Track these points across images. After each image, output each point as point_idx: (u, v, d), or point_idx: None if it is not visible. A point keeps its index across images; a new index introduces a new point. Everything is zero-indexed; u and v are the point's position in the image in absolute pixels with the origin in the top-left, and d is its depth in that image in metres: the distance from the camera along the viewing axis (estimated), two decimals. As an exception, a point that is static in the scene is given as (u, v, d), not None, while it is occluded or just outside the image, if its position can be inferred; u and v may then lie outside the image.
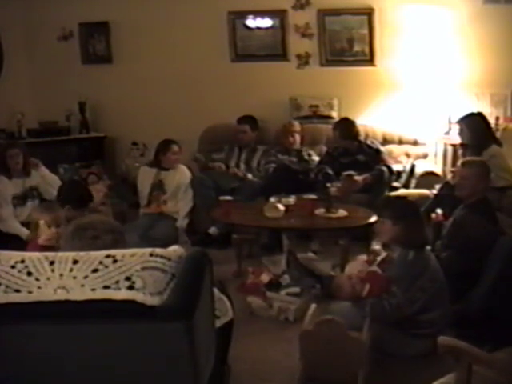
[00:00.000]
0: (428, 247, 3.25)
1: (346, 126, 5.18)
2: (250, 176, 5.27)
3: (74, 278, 1.73)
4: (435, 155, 5.46)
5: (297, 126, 5.49)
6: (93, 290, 1.71)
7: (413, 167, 5.20)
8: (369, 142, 5.22)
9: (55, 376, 1.80)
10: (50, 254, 1.81)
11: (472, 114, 4.69)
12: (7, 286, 1.73)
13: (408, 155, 5.37)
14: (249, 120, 5.53)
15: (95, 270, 1.74)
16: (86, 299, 1.71)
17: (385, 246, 3.48)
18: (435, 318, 3.03)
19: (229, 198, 4.47)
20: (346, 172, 4.83)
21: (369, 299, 3.02)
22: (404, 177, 5.16)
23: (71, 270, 1.74)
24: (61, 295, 1.71)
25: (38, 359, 1.77)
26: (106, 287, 1.71)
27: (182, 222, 4.93)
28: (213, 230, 4.92)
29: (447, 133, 5.35)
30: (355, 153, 5.10)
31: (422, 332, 3.01)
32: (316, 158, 5.31)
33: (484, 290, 3.17)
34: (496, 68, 5.14)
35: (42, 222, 3.14)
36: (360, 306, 3.06)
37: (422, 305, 3.00)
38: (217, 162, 5.45)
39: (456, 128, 4.94)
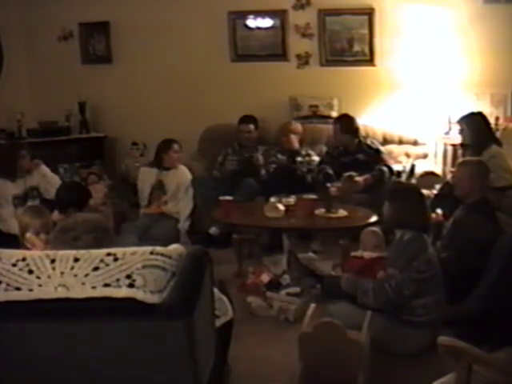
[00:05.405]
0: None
1: (347, 120, 5.17)
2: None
3: (75, 275, 1.73)
4: (435, 155, 5.45)
5: (294, 126, 5.47)
6: (93, 287, 1.72)
7: (413, 167, 5.19)
8: (369, 142, 5.21)
9: (55, 374, 1.80)
10: (51, 253, 1.81)
11: (473, 114, 4.69)
12: (8, 284, 1.73)
13: (408, 155, 5.37)
14: (252, 119, 5.53)
15: (96, 268, 1.74)
16: (86, 297, 1.71)
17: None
18: (429, 304, 3.06)
19: (229, 197, 4.46)
20: (346, 173, 4.83)
21: (370, 283, 3.09)
22: (404, 177, 5.15)
23: (72, 267, 1.75)
24: (61, 293, 1.72)
25: (38, 357, 1.77)
26: (106, 285, 1.72)
27: (183, 225, 4.93)
28: (213, 229, 4.91)
29: (447, 133, 5.34)
30: (355, 152, 5.10)
31: (417, 320, 3.04)
32: (316, 158, 5.31)
33: (484, 289, 3.18)
34: (496, 68, 5.14)
35: (28, 235, 3.06)
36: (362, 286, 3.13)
37: (417, 288, 3.03)
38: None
39: (456, 128, 4.94)
